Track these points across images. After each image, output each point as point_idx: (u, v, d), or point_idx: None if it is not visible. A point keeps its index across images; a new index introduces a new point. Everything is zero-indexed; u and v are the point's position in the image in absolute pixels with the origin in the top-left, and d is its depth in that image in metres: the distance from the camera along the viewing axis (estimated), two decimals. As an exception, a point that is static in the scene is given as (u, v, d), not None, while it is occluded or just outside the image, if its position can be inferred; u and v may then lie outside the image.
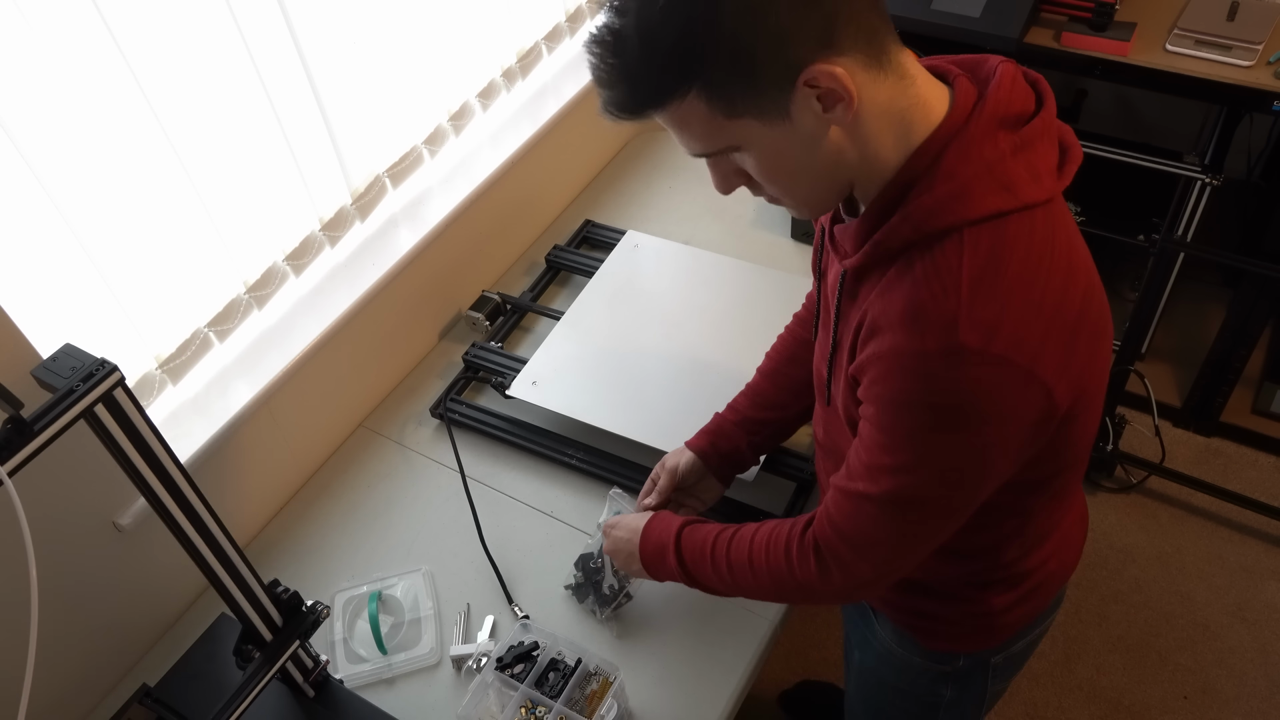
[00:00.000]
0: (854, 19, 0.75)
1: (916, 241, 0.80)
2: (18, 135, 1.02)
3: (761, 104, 0.77)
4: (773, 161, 0.83)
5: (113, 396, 0.83)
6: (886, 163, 0.82)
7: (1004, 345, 0.76)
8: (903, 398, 0.82)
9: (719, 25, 0.73)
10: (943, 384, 0.79)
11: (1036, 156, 0.80)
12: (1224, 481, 2.29)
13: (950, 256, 0.78)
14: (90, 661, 1.28)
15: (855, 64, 0.76)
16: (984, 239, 0.78)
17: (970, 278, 0.77)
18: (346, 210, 1.52)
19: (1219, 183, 2.05)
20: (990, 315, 0.77)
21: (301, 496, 1.52)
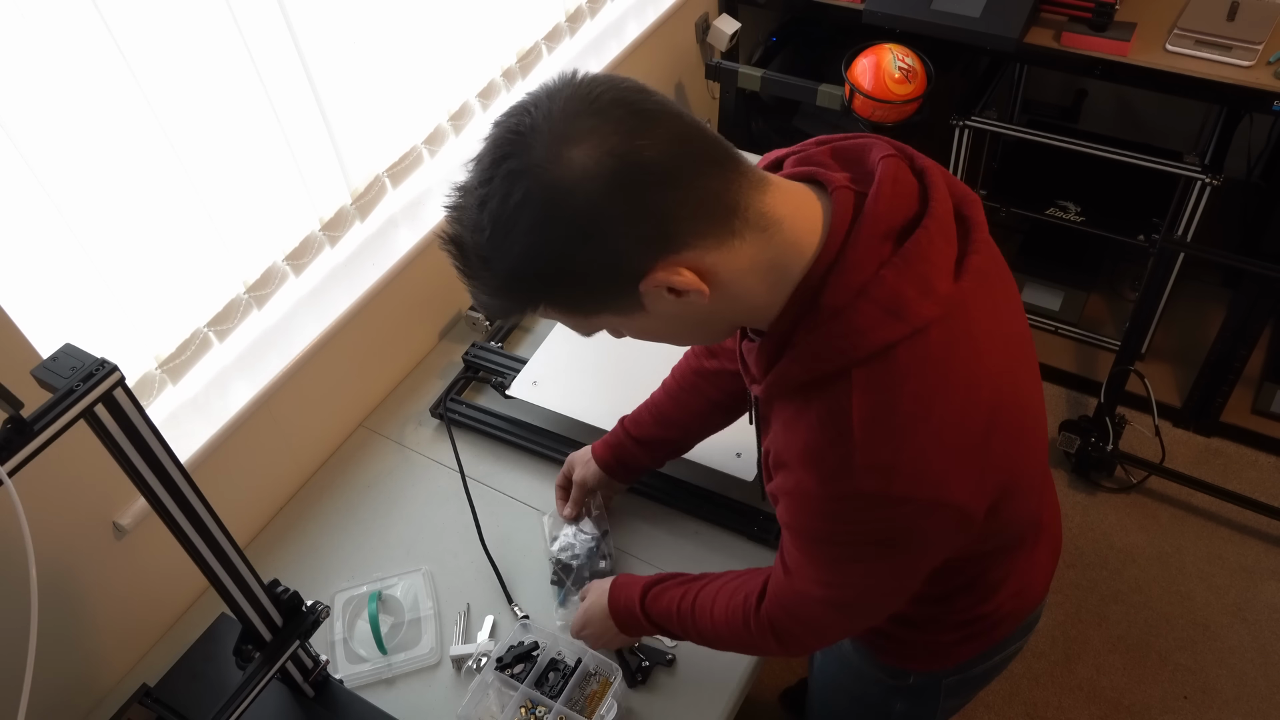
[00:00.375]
0: (691, 210, 0.72)
1: (808, 381, 0.78)
2: (18, 135, 1.02)
3: (612, 307, 0.77)
4: (644, 335, 0.83)
5: (113, 396, 0.83)
6: (767, 308, 0.79)
7: (904, 486, 0.75)
8: (812, 534, 0.84)
9: (549, 257, 0.71)
10: (848, 524, 0.80)
11: (928, 266, 0.75)
12: (1224, 481, 2.29)
13: (841, 399, 0.75)
14: (90, 661, 1.28)
15: (701, 250, 0.73)
16: (875, 377, 0.75)
17: (861, 420, 0.74)
18: (346, 210, 1.52)
19: (1219, 183, 2.05)
20: (885, 459, 0.74)
21: (301, 496, 1.52)
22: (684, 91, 2.34)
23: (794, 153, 0.86)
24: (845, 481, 0.76)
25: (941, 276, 0.76)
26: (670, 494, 1.42)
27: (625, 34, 2.02)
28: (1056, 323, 2.62)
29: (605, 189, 0.69)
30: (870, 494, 0.76)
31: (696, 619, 1.05)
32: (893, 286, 0.74)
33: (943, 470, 0.76)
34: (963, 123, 2.23)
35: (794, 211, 0.77)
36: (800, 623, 0.95)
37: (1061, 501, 2.33)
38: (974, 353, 0.77)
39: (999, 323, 0.82)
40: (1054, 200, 2.36)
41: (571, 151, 0.69)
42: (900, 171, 0.78)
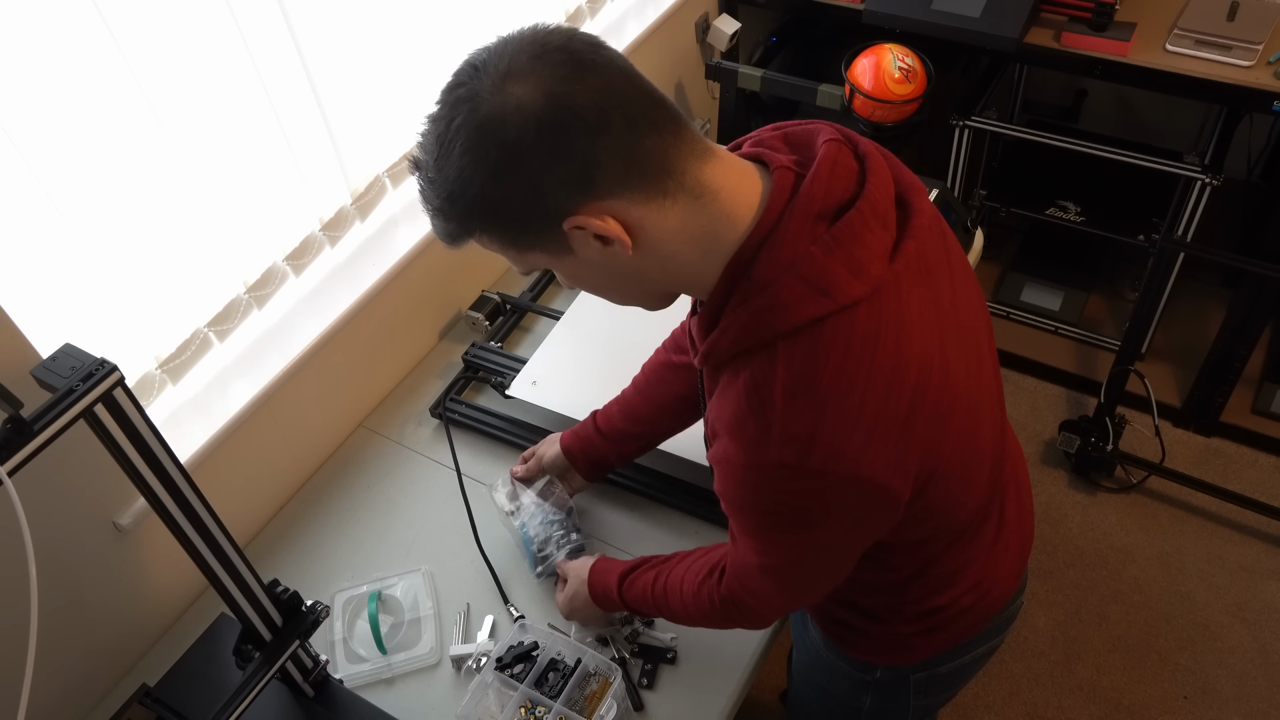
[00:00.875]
0: (618, 160, 0.74)
1: (739, 353, 0.80)
2: (18, 135, 1.02)
3: (542, 244, 0.80)
4: (576, 281, 0.86)
5: (112, 396, 0.83)
6: (700, 276, 0.82)
7: (820, 459, 0.77)
8: (740, 502, 0.86)
9: (480, 183, 0.75)
10: (771, 494, 0.82)
11: (860, 247, 0.77)
12: (1224, 481, 2.29)
13: (766, 370, 0.78)
14: (90, 661, 1.28)
15: (627, 202, 0.76)
16: (799, 350, 0.77)
17: (783, 392, 0.77)
18: (346, 210, 1.52)
19: (1219, 183, 2.05)
20: (803, 430, 0.76)
21: (301, 496, 1.52)
22: (684, 91, 2.34)
23: (751, 138, 0.88)
24: (765, 451, 0.78)
25: (873, 259, 0.78)
26: (670, 494, 1.42)
27: (625, 34, 2.03)
28: (1056, 323, 2.62)
29: (534, 125, 0.72)
30: (788, 464, 0.77)
31: (669, 601, 1.10)
32: (822, 264, 0.76)
33: (861, 446, 0.77)
34: (963, 123, 2.23)
35: (734, 185, 0.79)
36: (750, 593, 0.99)
37: (1061, 502, 2.34)
38: (902, 334, 0.79)
39: (937, 309, 0.83)
40: (1054, 200, 2.36)
41: (512, 87, 0.73)
42: (841, 155, 0.80)
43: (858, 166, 0.81)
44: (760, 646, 1.27)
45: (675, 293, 0.88)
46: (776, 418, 0.77)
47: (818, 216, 0.77)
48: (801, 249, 0.76)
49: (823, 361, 0.76)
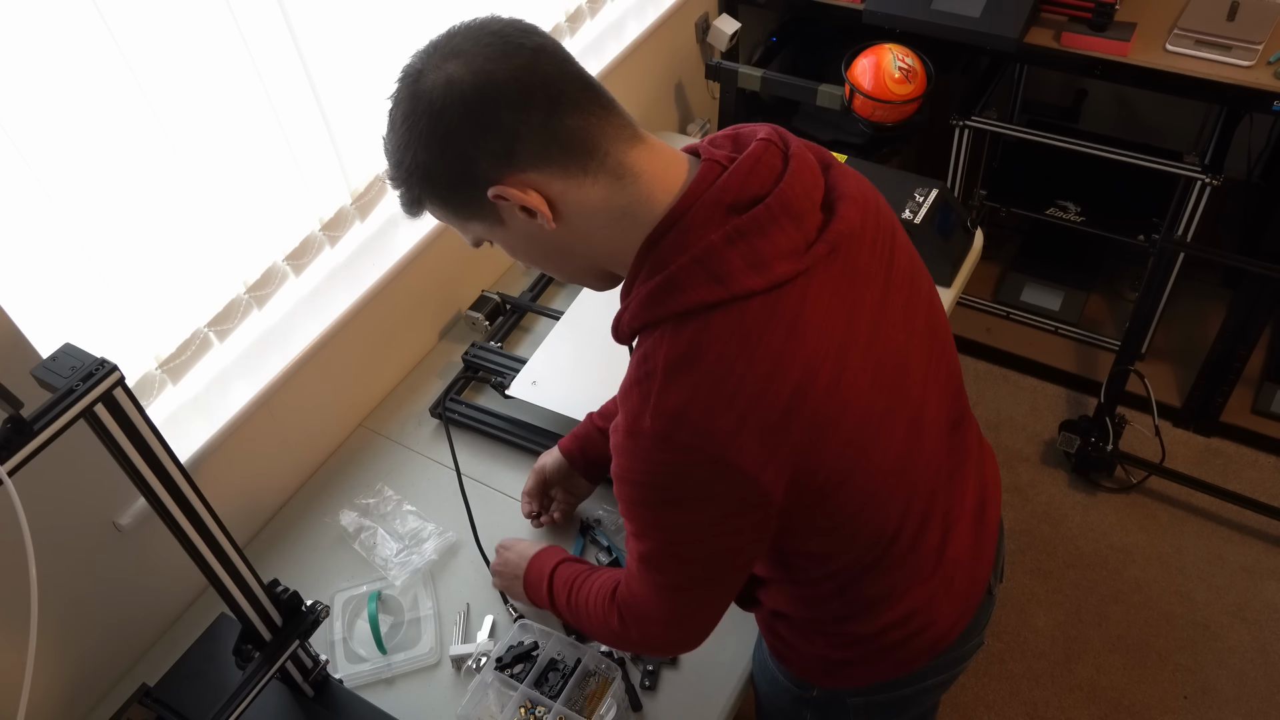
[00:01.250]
0: (539, 135, 0.79)
1: (638, 329, 0.84)
2: (18, 135, 1.02)
3: (477, 215, 0.85)
4: (512, 253, 0.91)
5: (113, 396, 0.83)
6: (621, 254, 0.85)
7: (687, 434, 0.79)
8: (618, 472, 0.87)
9: (414, 151, 0.82)
10: (641, 465, 0.83)
11: (764, 241, 0.79)
12: (1224, 481, 2.29)
13: (656, 345, 0.81)
14: (90, 661, 1.28)
15: (548, 175, 0.81)
16: (686, 331, 0.80)
17: (664, 367, 0.80)
18: (346, 210, 1.52)
19: (1219, 183, 2.05)
20: (676, 405, 0.79)
21: (301, 496, 1.52)
22: (684, 91, 2.34)
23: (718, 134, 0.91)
24: (641, 420, 0.81)
25: (778, 255, 0.80)
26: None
27: (625, 34, 2.02)
28: (1056, 323, 2.62)
29: (460, 99, 0.78)
30: (658, 434, 0.80)
31: (579, 594, 1.10)
32: (721, 253, 0.79)
33: (730, 431, 0.79)
34: (963, 123, 2.23)
35: (659, 170, 0.83)
36: (630, 600, 0.99)
37: (1061, 502, 2.34)
38: (793, 334, 0.80)
39: (847, 318, 0.84)
40: (1054, 200, 2.36)
41: (446, 65, 0.79)
42: (768, 153, 0.83)
43: (781, 166, 0.83)
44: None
45: (609, 271, 0.91)
46: (655, 389, 0.80)
47: (729, 208, 0.80)
48: (705, 236, 0.79)
49: (706, 344, 0.79)
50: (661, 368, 0.80)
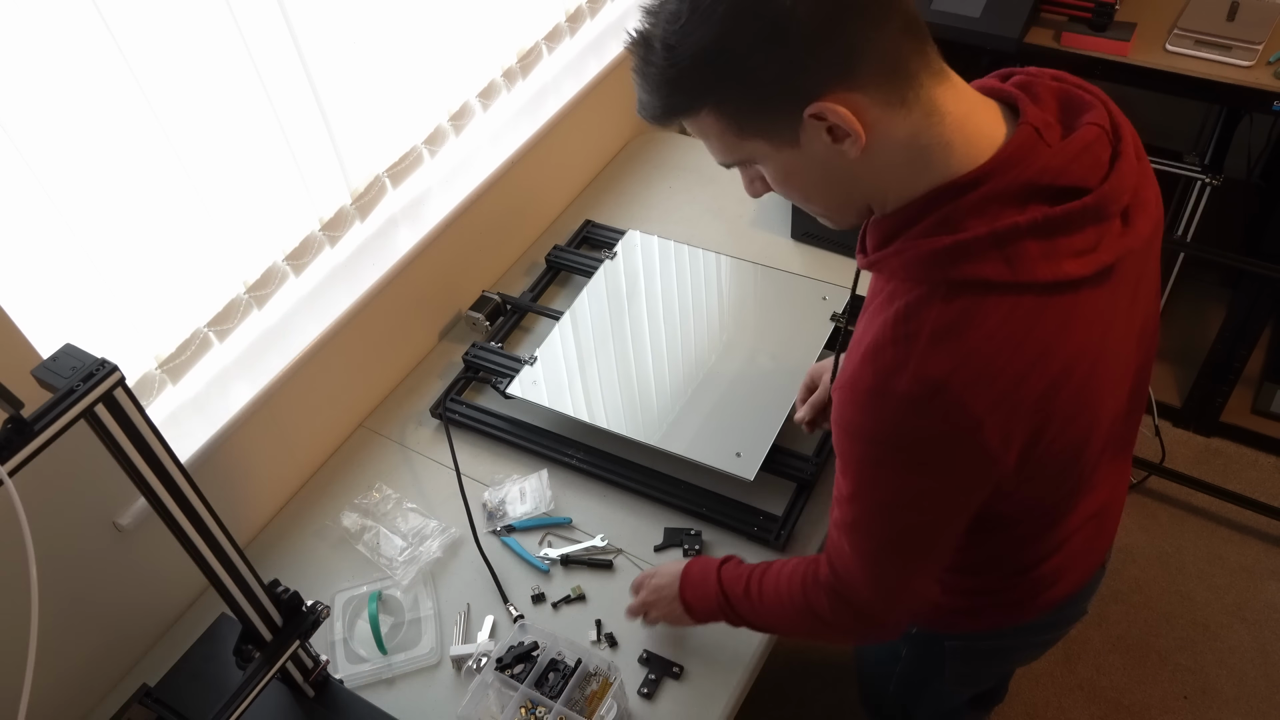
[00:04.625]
0: (878, 52, 0.74)
1: (905, 276, 0.80)
2: (18, 135, 1.02)
3: (771, 129, 0.79)
4: (785, 180, 0.84)
5: (113, 396, 0.83)
6: (902, 194, 0.81)
7: (944, 405, 0.77)
8: (850, 428, 0.84)
9: (734, 50, 0.74)
10: (883, 424, 0.81)
11: (1065, 240, 0.76)
12: (1224, 481, 2.28)
13: (922, 306, 0.78)
14: (90, 661, 1.28)
15: (871, 100, 0.75)
16: (961, 301, 0.77)
17: (931, 333, 0.77)
18: (346, 210, 1.52)
19: (1219, 183, 2.04)
20: (938, 374, 0.76)
21: (301, 496, 1.51)
22: (684, 91, 2.34)
23: (1021, 73, 0.86)
24: (894, 380, 0.78)
25: (1071, 256, 0.76)
26: (670, 494, 1.42)
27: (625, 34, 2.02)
28: (1056, 323, 2.61)
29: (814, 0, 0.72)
30: (912, 399, 0.77)
31: (765, 583, 1.07)
32: (1022, 238, 0.75)
33: (985, 410, 0.77)
34: (963, 123, 2.22)
35: (962, 115, 0.78)
36: (835, 571, 0.96)
37: (1061, 501, 2.34)
38: (1063, 331, 0.78)
39: (1108, 323, 0.82)
40: (1054, 200, 2.35)
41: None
42: (1098, 145, 0.78)
43: (1108, 165, 0.79)
44: (760, 646, 1.27)
45: (869, 208, 0.85)
46: (916, 353, 0.77)
47: (1041, 191, 0.76)
48: (1010, 214, 0.75)
49: (979, 320, 0.76)
50: (928, 333, 0.77)
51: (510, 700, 1.18)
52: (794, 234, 1.82)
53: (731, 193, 1.94)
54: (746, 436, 1.41)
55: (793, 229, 1.82)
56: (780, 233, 1.83)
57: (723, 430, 1.43)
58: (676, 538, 1.38)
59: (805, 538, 1.37)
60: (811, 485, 1.41)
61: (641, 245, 1.76)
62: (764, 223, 1.86)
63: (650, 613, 1.23)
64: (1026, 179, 0.76)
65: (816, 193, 0.85)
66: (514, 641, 1.24)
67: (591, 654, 1.21)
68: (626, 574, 1.35)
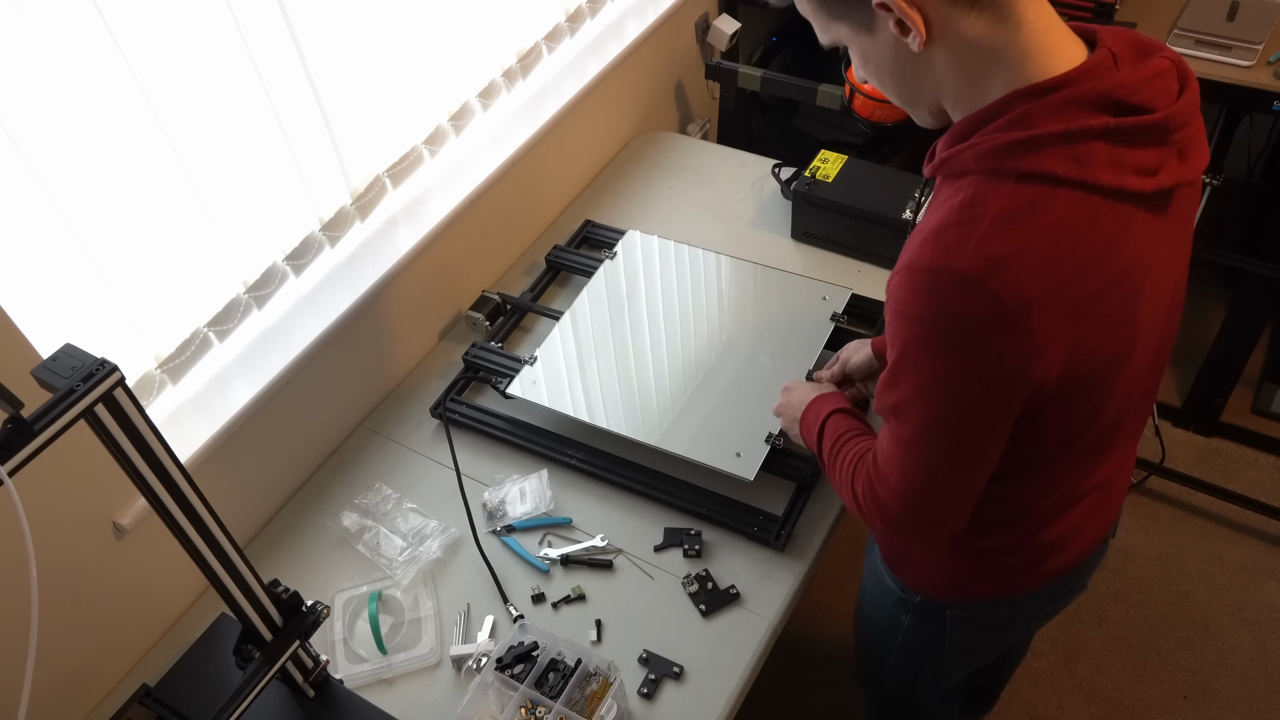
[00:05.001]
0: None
1: (975, 171, 0.83)
2: (18, 135, 1.02)
3: (850, 15, 0.86)
4: (864, 65, 0.91)
5: (113, 396, 0.83)
6: (970, 96, 0.85)
7: (1000, 282, 0.78)
8: (904, 308, 0.85)
9: None
10: (937, 304, 0.82)
11: (1129, 151, 0.80)
12: (1224, 481, 2.29)
13: (990, 192, 0.81)
14: (90, 661, 1.28)
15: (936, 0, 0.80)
16: (1028, 191, 0.80)
17: (997, 216, 0.80)
18: (346, 210, 1.52)
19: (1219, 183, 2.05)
20: (1000, 252, 0.79)
21: (301, 496, 1.52)
22: (684, 91, 2.34)
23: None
24: (955, 258, 0.80)
25: (1135, 171, 0.81)
26: (670, 494, 1.42)
27: (625, 34, 2.02)
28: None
29: None
30: (969, 276, 0.79)
31: (837, 449, 1.11)
32: (1093, 141, 0.79)
33: (1039, 296, 0.79)
34: (963, 123, 2.22)
35: (1042, 26, 0.82)
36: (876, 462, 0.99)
37: (1061, 501, 2.34)
38: (1122, 237, 0.82)
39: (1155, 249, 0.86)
40: (1054, 200, 2.36)
41: None
42: (1168, 75, 0.83)
43: (1175, 95, 0.83)
44: (760, 646, 1.27)
45: (944, 110, 0.90)
46: (979, 234, 0.79)
47: (1115, 105, 0.80)
48: (1084, 118, 0.79)
49: (1047, 207, 0.79)
50: (993, 216, 0.80)
51: (510, 700, 1.18)
52: (794, 234, 1.82)
53: (731, 193, 1.94)
54: (746, 436, 1.41)
55: (793, 229, 1.82)
56: (780, 233, 1.83)
57: (723, 430, 1.43)
58: (676, 538, 1.38)
59: (805, 538, 1.37)
60: (811, 485, 1.41)
61: (641, 245, 1.76)
62: (764, 223, 1.86)
63: (783, 414, 1.33)
64: (1103, 90, 0.80)
65: (890, 81, 0.91)
66: (514, 641, 1.24)
67: (591, 654, 1.21)
68: (626, 574, 1.36)
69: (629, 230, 1.80)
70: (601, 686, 1.20)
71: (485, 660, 1.26)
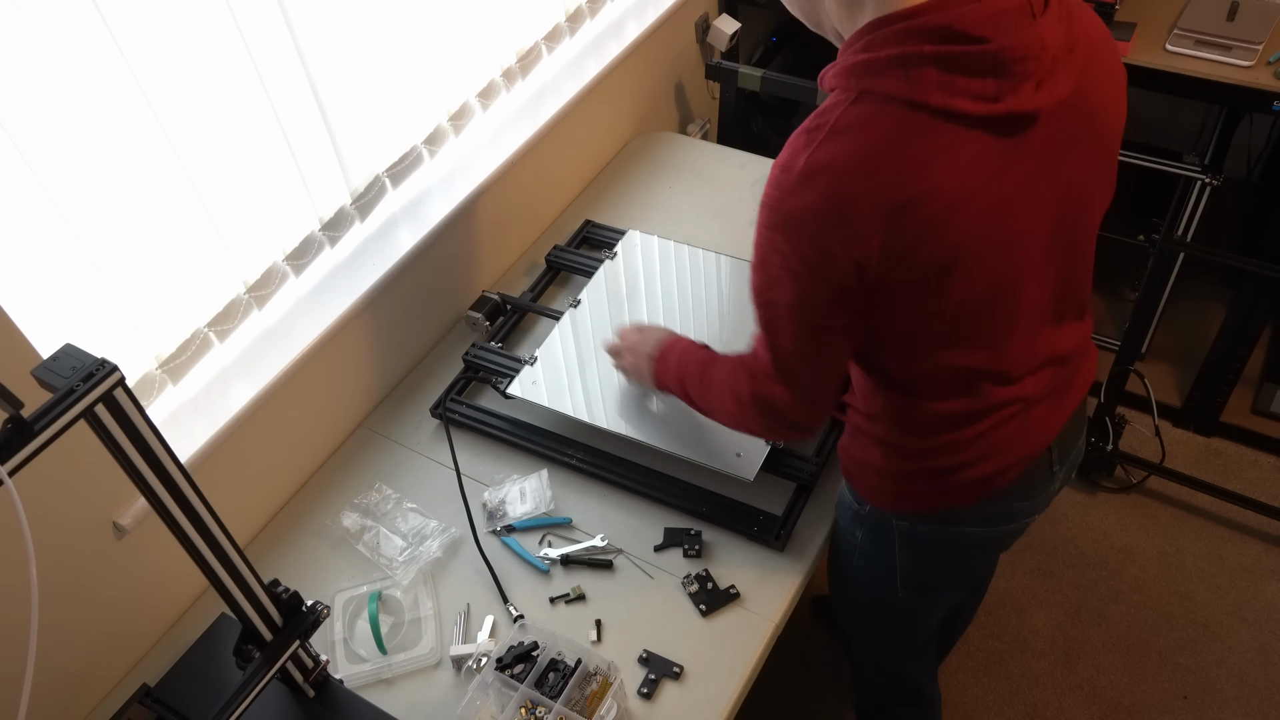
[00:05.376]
0: None
1: (834, 87, 0.95)
2: (18, 135, 1.02)
3: None
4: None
5: (113, 396, 0.83)
6: (850, 23, 0.96)
7: (825, 182, 0.90)
8: (764, 200, 0.97)
9: None
10: (781, 194, 0.94)
11: (962, 78, 0.88)
12: (1224, 481, 2.29)
13: (834, 107, 0.93)
14: (90, 661, 1.28)
15: None
16: (863, 106, 0.91)
17: (834, 126, 0.91)
18: (346, 210, 1.52)
19: (1219, 183, 2.05)
20: (826, 158, 0.91)
21: (301, 496, 1.52)
22: (684, 91, 2.34)
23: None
24: (797, 159, 0.92)
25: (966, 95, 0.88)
26: (670, 494, 1.42)
27: (625, 34, 2.03)
28: (1056, 323, 2.61)
29: None
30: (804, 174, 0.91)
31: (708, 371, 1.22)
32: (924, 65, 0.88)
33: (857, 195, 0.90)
34: (963, 123, 2.23)
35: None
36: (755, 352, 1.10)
37: (1061, 502, 2.34)
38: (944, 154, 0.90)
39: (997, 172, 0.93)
40: (1054, 200, 2.36)
41: None
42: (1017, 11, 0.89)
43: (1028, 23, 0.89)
44: (760, 646, 1.27)
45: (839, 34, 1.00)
46: (818, 140, 0.91)
47: (955, 36, 0.88)
48: (921, 45, 0.88)
49: (873, 123, 0.90)
50: (830, 126, 0.91)
51: (510, 700, 1.18)
52: (794, 234, 1.82)
53: (731, 193, 1.94)
54: (746, 436, 1.41)
55: (793, 229, 1.82)
56: (780, 233, 1.83)
57: (723, 430, 1.43)
58: (676, 538, 1.38)
59: (805, 538, 1.37)
60: (811, 485, 1.41)
61: (641, 245, 1.76)
62: (764, 223, 1.86)
63: (623, 358, 1.41)
64: (943, 22, 0.88)
65: (799, 7, 1.04)
66: (514, 641, 1.24)
67: (591, 654, 1.21)
68: (626, 574, 1.36)
69: (629, 230, 1.80)
70: (601, 686, 1.20)
71: (485, 660, 1.26)
